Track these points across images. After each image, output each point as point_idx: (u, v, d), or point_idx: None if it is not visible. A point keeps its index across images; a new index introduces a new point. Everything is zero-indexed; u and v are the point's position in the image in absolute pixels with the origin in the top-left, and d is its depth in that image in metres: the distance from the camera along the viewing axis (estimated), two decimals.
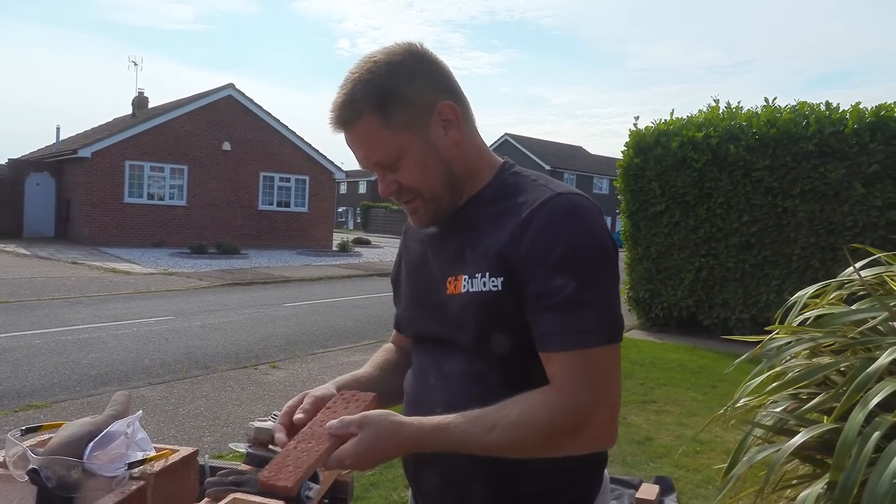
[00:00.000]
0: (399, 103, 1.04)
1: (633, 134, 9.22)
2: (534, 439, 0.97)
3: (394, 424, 0.97)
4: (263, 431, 1.72)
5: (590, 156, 47.83)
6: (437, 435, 0.98)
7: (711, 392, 5.77)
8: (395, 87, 1.04)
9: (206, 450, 4.08)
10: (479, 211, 1.11)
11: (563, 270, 0.98)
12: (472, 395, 1.05)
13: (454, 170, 1.10)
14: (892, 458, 1.62)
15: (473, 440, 0.97)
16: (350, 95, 1.05)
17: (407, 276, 1.26)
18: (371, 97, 1.03)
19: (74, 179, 20.26)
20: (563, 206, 1.03)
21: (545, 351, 1.01)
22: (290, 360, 6.89)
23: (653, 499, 3.45)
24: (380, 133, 1.04)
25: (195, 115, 20.79)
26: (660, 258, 9.07)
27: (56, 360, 6.43)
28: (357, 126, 1.05)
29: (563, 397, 0.97)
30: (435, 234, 1.17)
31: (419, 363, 1.20)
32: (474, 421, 0.98)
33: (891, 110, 7.57)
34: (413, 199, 1.10)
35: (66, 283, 11.90)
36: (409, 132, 1.05)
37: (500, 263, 1.03)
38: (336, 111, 1.06)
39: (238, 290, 12.52)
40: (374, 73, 1.04)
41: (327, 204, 24.25)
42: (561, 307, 0.98)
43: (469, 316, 1.06)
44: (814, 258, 7.88)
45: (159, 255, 17.85)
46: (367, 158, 1.08)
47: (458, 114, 1.09)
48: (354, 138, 1.07)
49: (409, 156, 1.06)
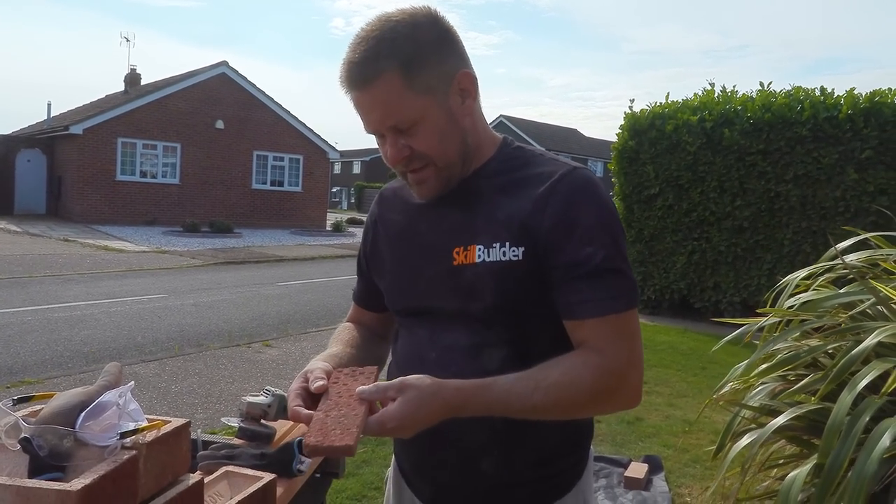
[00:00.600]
0: (423, 65, 1.02)
1: (629, 116, 9.20)
2: (577, 399, 1.01)
3: (435, 385, 0.94)
4: (255, 406, 1.73)
5: (584, 138, 47.72)
6: (480, 394, 0.97)
7: (701, 374, 5.82)
8: (421, 49, 1.01)
9: (198, 426, 4.10)
10: (488, 182, 1.11)
11: (590, 240, 1.02)
12: (479, 367, 1.05)
13: (468, 140, 1.09)
14: (881, 438, 1.64)
15: (517, 399, 0.97)
16: (372, 52, 1.00)
17: (392, 249, 1.22)
18: (396, 56, 1.00)
19: (66, 156, 20.10)
20: (583, 179, 1.07)
21: (578, 318, 1.03)
22: (282, 339, 6.91)
23: (641, 477, 3.50)
24: (401, 94, 1.01)
25: (188, 93, 20.61)
26: (652, 241, 9.09)
27: (48, 336, 6.43)
28: (377, 85, 1.01)
29: (603, 357, 1.01)
30: (429, 205, 1.14)
31: (415, 338, 1.17)
32: (517, 381, 0.98)
33: (885, 96, 7.57)
34: (423, 167, 1.07)
35: (57, 261, 11.85)
36: (431, 96, 1.03)
37: (523, 233, 1.05)
38: (355, 68, 1.02)
39: (231, 269, 12.50)
40: (399, 33, 1.01)
41: (321, 183, 24.16)
42: (593, 275, 1.02)
43: (485, 285, 1.06)
44: (805, 242, 7.92)
45: (152, 233, 17.79)
46: (383, 121, 1.04)
47: (475, 84, 1.09)
48: (372, 98, 1.02)
49: (428, 120, 1.04)
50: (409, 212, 1.19)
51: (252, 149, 21.97)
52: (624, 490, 3.45)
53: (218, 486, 1.31)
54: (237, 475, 1.34)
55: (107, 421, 0.90)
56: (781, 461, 2.41)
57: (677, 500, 3.36)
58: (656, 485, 3.51)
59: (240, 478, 1.33)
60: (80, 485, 0.80)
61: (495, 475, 1.10)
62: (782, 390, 2.36)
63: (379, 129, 1.06)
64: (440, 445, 1.10)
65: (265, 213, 22.35)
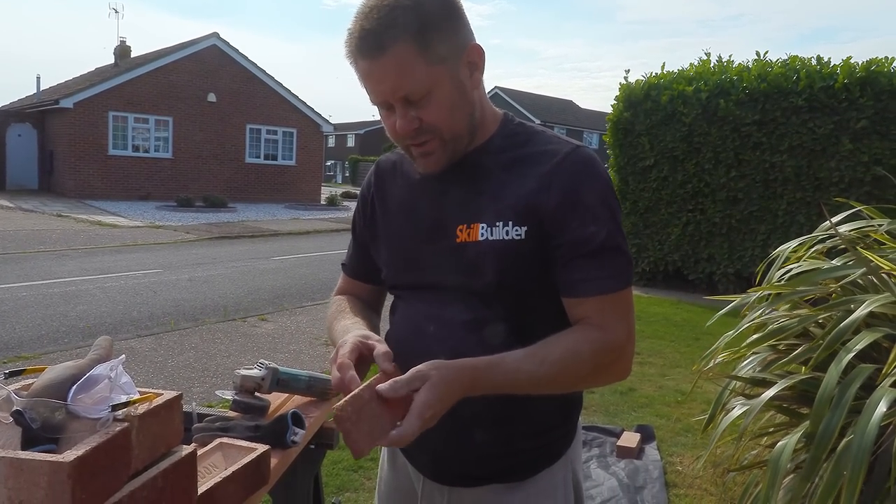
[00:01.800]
0: (438, 35, 1.00)
1: (624, 87, 9.14)
2: (580, 373, 1.05)
3: (454, 366, 0.96)
4: (249, 379, 1.74)
5: (580, 110, 47.47)
6: (491, 373, 0.99)
7: (694, 345, 5.86)
8: (435, 19, 1.00)
9: (195, 399, 4.12)
10: (492, 159, 1.12)
11: (594, 219, 1.05)
12: (478, 341, 1.08)
13: (476, 112, 1.09)
14: (877, 406, 1.65)
15: (525, 376, 1.00)
16: (386, 20, 0.98)
17: (392, 224, 1.22)
18: (412, 24, 0.98)
19: (57, 131, 19.91)
20: (585, 159, 1.08)
21: (580, 296, 1.06)
22: (278, 313, 6.93)
23: (634, 446, 3.55)
24: (415, 63, 0.99)
25: (179, 65, 20.36)
26: (647, 213, 9.09)
27: (44, 312, 6.43)
28: (391, 53, 0.98)
29: (603, 332, 1.05)
30: (431, 181, 1.14)
31: (413, 311, 1.18)
32: (524, 358, 1.00)
33: (881, 65, 7.52)
34: (430, 139, 1.06)
35: (51, 236, 11.81)
36: (444, 67, 1.02)
37: (528, 213, 1.06)
38: (368, 36, 0.99)
39: (226, 244, 12.48)
40: (414, 1, 0.99)
41: (315, 157, 24.03)
42: (596, 254, 1.05)
43: (488, 263, 1.07)
44: (799, 213, 7.93)
45: (145, 208, 17.71)
46: (395, 91, 1.01)
47: (483, 58, 1.08)
48: (383, 68, 1.00)
49: (440, 91, 1.02)
50: (411, 187, 1.19)
51: (245, 122, 21.80)
52: (616, 459, 3.50)
53: (213, 458, 1.32)
54: (231, 447, 1.35)
55: (98, 394, 0.90)
56: (771, 429, 2.44)
57: (669, 469, 3.41)
58: (648, 454, 3.55)
59: (234, 449, 1.34)
60: (73, 456, 0.81)
61: (489, 443, 1.12)
62: (773, 360, 2.38)
63: (388, 100, 1.03)
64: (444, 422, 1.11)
65: (259, 187, 22.25)
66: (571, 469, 1.20)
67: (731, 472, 2.66)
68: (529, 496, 1.14)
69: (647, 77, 9.06)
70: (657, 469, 3.37)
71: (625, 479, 3.27)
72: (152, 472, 0.96)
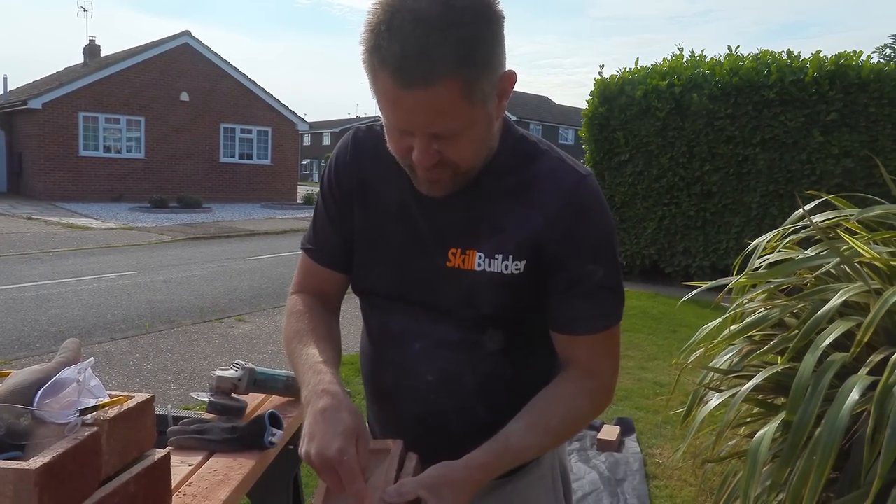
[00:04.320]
0: (487, 71, 0.87)
1: (599, 83, 9.19)
2: (581, 426, 1.09)
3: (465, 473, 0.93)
4: (225, 380, 1.71)
5: (555, 106, 47.65)
6: (500, 461, 0.98)
7: (672, 337, 5.91)
8: (486, 53, 0.86)
9: (171, 402, 4.06)
10: (495, 182, 1.03)
11: (594, 258, 1.02)
12: (467, 360, 1.07)
13: (496, 144, 1.02)
14: (849, 394, 1.67)
15: (533, 450, 1.02)
16: (439, 51, 0.82)
17: (370, 219, 1.10)
18: (466, 59, 0.83)
19: (26, 132, 19.53)
20: (591, 192, 1.03)
21: (571, 334, 1.05)
22: (255, 313, 6.86)
23: (613, 439, 3.56)
24: (459, 103, 0.86)
25: (150, 64, 20.09)
26: (623, 207, 9.15)
27: (14, 317, 6.30)
28: (434, 90, 0.83)
29: (595, 379, 1.05)
30: (426, 195, 1.03)
31: (395, 326, 1.10)
32: (526, 434, 0.99)
33: (850, 59, 7.65)
34: (444, 171, 0.95)
35: (21, 240, 11.58)
36: (482, 105, 0.89)
37: (529, 247, 1.01)
38: (409, 65, 0.82)
39: (201, 245, 12.34)
40: (466, 27, 0.83)
41: (291, 156, 23.87)
42: (591, 294, 1.03)
43: (483, 295, 1.03)
44: (772, 206, 8.04)
45: (118, 209, 17.45)
46: (427, 127, 0.88)
47: (514, 84, 0.95)
48: (422, 103, 0.85)
49: (473, 131, 0.91)
50: (403, 187, 1.05)
51: (219, 121, 21.57)
52: (597, 452, 3.51)
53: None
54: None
55: (66, 398, 0.88)
56: (749, 419, 2.46)
57: (649, 461, 3.43)
58: (628, 446, 3.58)
59: None
60: (39, 463, 0.78)
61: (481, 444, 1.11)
62: (750, 351, 2.40)
63: (414, 131, 0.90)
64: (427, 433, 1.09)
65: (234, 186, 22.04)
66: (558, 458, 1.22)
67: (709, 463, 2.68)
68: (520, 487, 1.14)
69: (621, 72, 9.11)
70: (637, 461, 3.39)
71: (605, 472, 3.28)
72: (124, 477, 0.93)
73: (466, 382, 1.07)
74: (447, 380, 1.07)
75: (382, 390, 1.16)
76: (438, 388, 1.08)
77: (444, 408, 1.08)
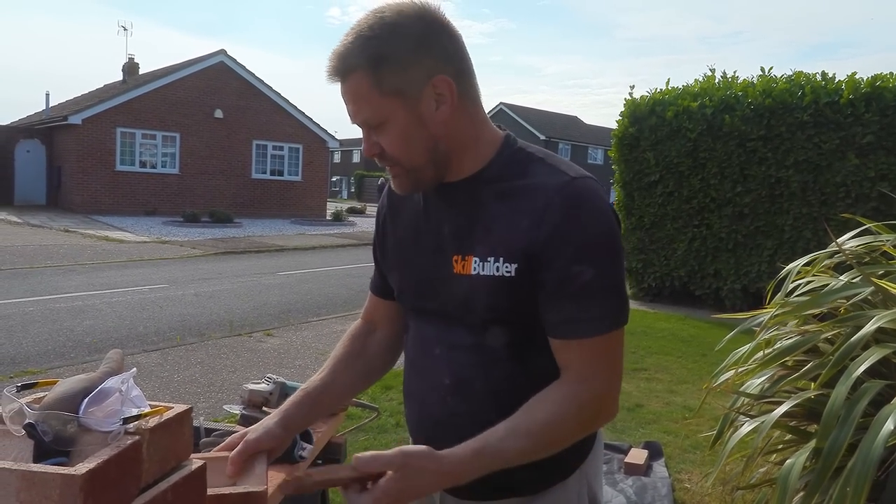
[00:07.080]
0: (393, 67, 1.00)
1: (629, 103, 9.17)
2: (566, 434, 1.04)
3: (434, 461, 0.96)
4: (257, 394, 1.73)
5: (584, 126, 47.58)
6: (477, 461, 0.98)
7: (701, 360, 5.83)
8: (394, 51, 1.00)
9: (201, 414, 4.11)
10: (487, 189, 1.09)
11: (581, 258, 1.01)
12: (479, 364, 1.10)
13: (440, 145, 1.07)
14: (885, 422, 1.63)
15: (512, 453, 0.99)
16: (348, 48, 1.02)
17: (399, 246, 1.23)
18: (366, 55, 1.00)
19: (65, 146, 20.07)
20: (580, 192, 1.04)
21: (562, 338, 1.04)
22: (284, 328, 6.92)
23: (641, 463, 3.52)
24: (369, 92, 1.02)
25: (187, 82, 20.54)
26: (653, 228, 9.08)
27: (50, 327, 6.44)
28: (348, 80, 1.03)
29: (584, 385, 1.03)
30: (433, 207, 1.15)
31: (422, 333, 1.20)
32: (506, 436, 0.99)
33: (886, 81, 7.54)
34: (397, 167, 1.09)
35: (58, 251, 11.86)
36: (399, 99, 1.02)
37: (519, 250, 1.03)
38: (332, 61, 1.04)
39: (232, 259, 12.51)
40: (377, 31, 1.01)
41: (321, 173, 24.14)
42: (579, 295, 1.02)
43: (478, 298, 1.07)
44: (806, 229, 7.91)
45: (152, 223, 17.78)
46: (355, 115, 1.06)
47: (452, 90, 1.04)
48: (345, 92, 1.05)
49: (394, 123, 1.04)
50: (417, 212, 1.19)
51: (251, 138, 21.93)
52: (624, 476, 3.47)
53: None
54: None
55: (110, 407, 0.90)
56: (780, 446, 2.42)
57: (677, 486, 3.38)
58: (656, 470, 3.53)
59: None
60: (85, 469, 0.81)
61: None
62: (782, 377, 2.36)
63: (354, 121, 1.08)
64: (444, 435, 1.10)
65: (265, 202, 22.34)
66: (587, 484, 1.19)
67: (739, 490, 2.64)
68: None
69: (651, 93, 9.09)
70: (665, 486, 3.34)
71: (633, 496, 3.24)
72: (162, 485, 0.95)
73: (479, 386, 1.11)
74: (461, 383, 1.12)
75: (409, 392, 1.26)
76: (454, 390, 1.13)
77: (458, 410, 1.13)
